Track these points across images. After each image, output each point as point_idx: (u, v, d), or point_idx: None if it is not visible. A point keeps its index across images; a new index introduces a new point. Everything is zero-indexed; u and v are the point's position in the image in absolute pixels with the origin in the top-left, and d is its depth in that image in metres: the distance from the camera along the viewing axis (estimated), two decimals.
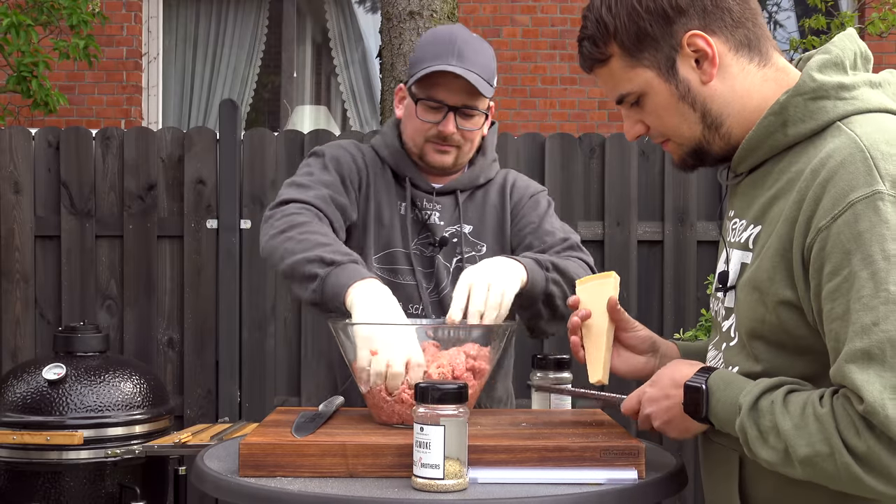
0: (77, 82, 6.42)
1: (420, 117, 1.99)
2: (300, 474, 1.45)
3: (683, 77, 1.36)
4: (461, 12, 5.92)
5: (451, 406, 1.37)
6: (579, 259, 2.00)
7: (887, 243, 1.17)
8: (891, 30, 4.62)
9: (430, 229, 2.05)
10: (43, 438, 2.67)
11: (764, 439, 1.25)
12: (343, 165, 2.04)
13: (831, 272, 1.21)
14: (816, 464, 1.19)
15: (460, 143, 2.02)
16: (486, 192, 2.11)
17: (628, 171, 3.69)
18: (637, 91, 1.40)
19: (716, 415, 1.34)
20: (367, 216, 2.05)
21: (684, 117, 1.39)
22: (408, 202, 2.05)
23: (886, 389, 1.14)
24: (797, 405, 1.23)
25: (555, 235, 2.04)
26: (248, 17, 6.94)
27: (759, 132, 1.34)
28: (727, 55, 1.36)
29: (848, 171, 1.21)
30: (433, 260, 2.04)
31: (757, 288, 1.31)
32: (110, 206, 3.68)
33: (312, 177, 2.01)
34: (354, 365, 1.67)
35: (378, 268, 2.03)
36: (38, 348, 3.64)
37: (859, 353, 1.17)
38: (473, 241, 2.06)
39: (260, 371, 3.65)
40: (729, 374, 1.36)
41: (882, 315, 1.16)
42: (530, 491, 1.39)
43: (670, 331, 3.67)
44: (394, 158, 2.08)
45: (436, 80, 1.95)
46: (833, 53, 1.34)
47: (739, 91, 1.36)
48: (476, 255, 2.04)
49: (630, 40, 1.37)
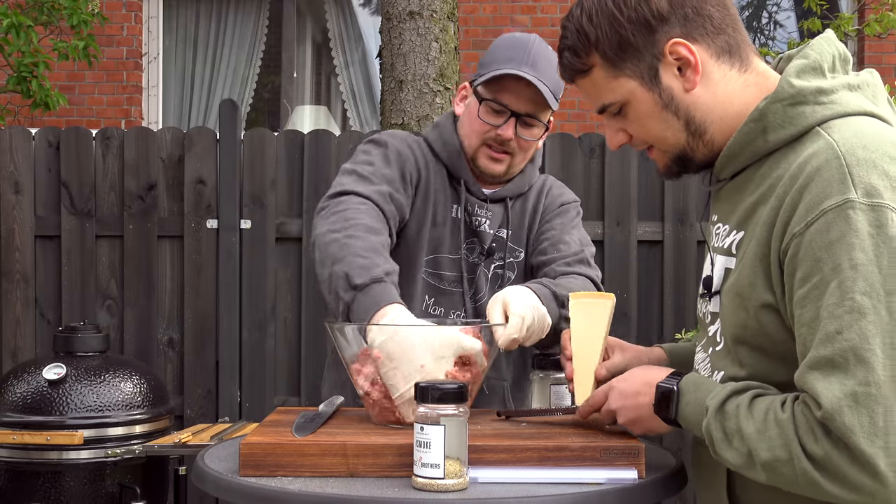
0: (77, 82, 6.42)
1: (482, 118, 1.96)
2: (301, 474, 1.45)
3: (667, 85, 1.37)
4: (461, 12, 5.92)
5: (452, 406, 1.37)
6: (584, 276, 1.99)
7: (855, 252, 1.18)
8: (889, 31, 4.62)
9: (478, 236, 2.03)
10: (43, 438, 2.67)
11: (728, 441, 1.27)
12: (405, 161, 1.99)
13: (802, 279, 1.22)
14: (776, 468, 1.21)
15: (515, 150, 1.98)
16: (527, 197, 2.10)
17: (628, 171, 3.69)
18: (620, 101, 1.40)
19: (684, 417, 1.37)
20: (424, 215, 2.00)
21: (668, 125, 1.39)
22: (462, 206, 2.02)
23: (845, 397, 1.15)
24: (761, 410, 1.25)
25: (570, 247, 2.03)
26: (248, 17, 6.95)
27: (739, 139, 1.35)
28: (709, 62, 1.36)
29: (823, 178, 1.22)
30: (476, 267, 2.03)
31: (739, 294, 1.32)
32: (110, 206, 3.68)
33: (373, 167, 1.94)
34: (352, 367, 1.68)
35: (426, 272, 2.00)
36: (38, 348, 3.64)
37: (823, 361, 1.18)
38: (512, 248, 2.06)
39: (260, 371, 3.65)
40: (699, 377, 1.39)
41: (846, 324, 1.17)
42: (530, 491, 1.39)
43: (670, 331, 3.67)
44: (450, 158, 2.03)
45: (505, 83, 1.92)
46: (811, 58, 1.34)
47: (721, 97, 1.37)
48: (514, 262, 2.04)
49: (612, 50, 1.36)
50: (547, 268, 2.00)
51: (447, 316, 1.99)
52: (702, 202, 3.70)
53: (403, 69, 3.64)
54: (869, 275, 1.17)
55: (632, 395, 1.45)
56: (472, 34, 6.51)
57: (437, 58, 3.63)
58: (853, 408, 1.15)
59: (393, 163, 1.96)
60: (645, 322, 3.69)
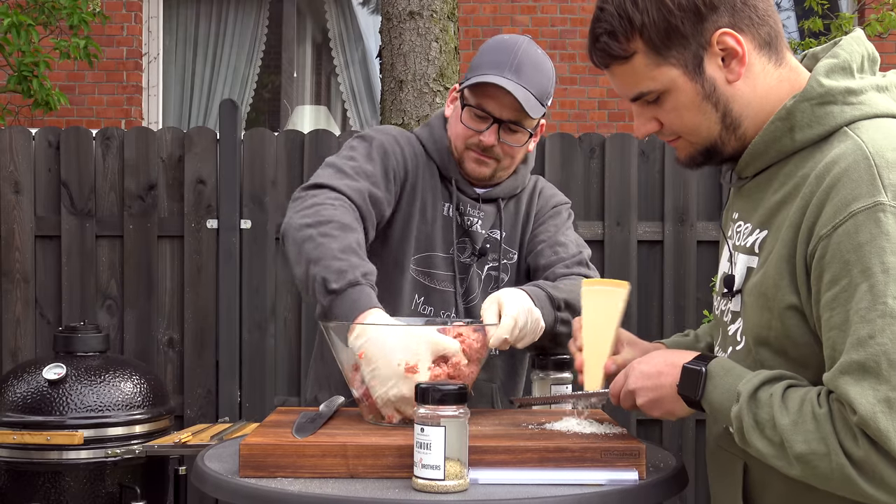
0: (77, 82, 6.42)
1: (464, 122, 1.95)
2: (301, 475, 1.45)
3: (710, 76, 1.33)
4: (461, 12, 5.91)
5: (452, 407, 1.37)
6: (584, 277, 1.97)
7: (886, 256, 1.17)
8: (889, 31, 4.61)
9: (470, 236, 2.02)
10: (43, 438, 2.67)
11: (760, 430, 1.24)
12: (389, 156, 1.96)
13: (830, 281, 1.21)
14: (811, 461, 1.20)
15: (500, 156, 1.97)
16: (519, 199, 2.09)
17: (628, 171, 3.68)
18: (659, 89, 1.35)
19: (710, 400, 1.33)
20: (411, 211, 1.98)
21: (705, 116, 1.35)
22: (453, 204, 2.01)
23: (879, 402, 1.14)
24: (795, 401, 1.23)
25: (568, 249, 2.02)
26: (248, 17, 6.94)
27: (765, 137, 1.34)
28: (752, 54, 1.34)
29: (851, 179, 1.21)
30: (468, 267, 2.02)
31: (763, 294, 1.31)
32: (110, 206, 3.68)
33: (354, 163, 1.92)
34: (345, 367, 1.68)
35: (415, 269, 1.99)
36: (39, 348, 3.63)
37: (854, 365, 1.17)
38: (506, 249, 2.05)
39: (260, 371, 3.65)
40: (729, 362, 1.36)
41: (878, 328, 1.16)
42: (531, 492, 1.39)
43: (670, 331, 3.66)
44: (441, 157, 2.02)
45: (488, 90, 1.90)
46: (841, 57, 1.33)
47: (760, 91, 1.35)
48: (508, 264, 2.04)
49: (658, 37, 1.32)
50: (547, 271, 2.00)
51: (438, 315, 1.98)
52: (702, 202, 3.71)
53: (403, 69, 3.64)
54: None
55: (654, 375, 1.41)
56: (472, 34, 6.50)
57: (437, 58, 3.63)
58: (886, 413, 1.14)
59: (376, 159, 1.94)
60: (645, 322, 3.68)
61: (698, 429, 3.61)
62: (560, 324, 1.87)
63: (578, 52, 6.62)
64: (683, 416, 1.42)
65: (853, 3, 6.21)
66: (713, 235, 3.66)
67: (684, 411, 1.40)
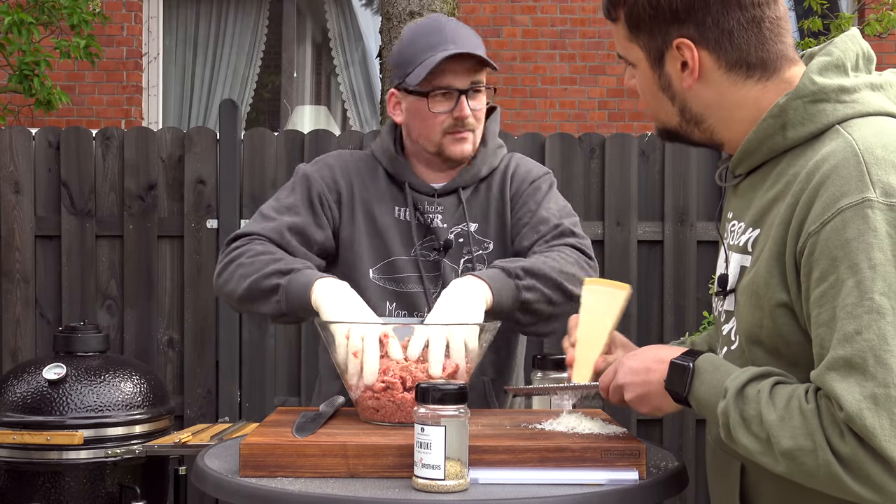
0: (77, 82, 6.42)
1: (434, 110, 1.96)
2: (301, 474, 1.45)
3: (667, 72, 1.38)
4: (461, 12, 5.92)
5: (452, 406, 1.37)
6: (570, 247, 1.95)
7: (874, 252, 1.17)
8: (889, 31, 4.62)
9: (433, 233, 2.02)
10: (43, 438, 2.67)
11: (747, 426, 1.24)
12: (313, 182, 2.03)
13: (819, 278, 1.21)
14: (797, 457, 1.19)
15: (474, 125, 2.00)
16: (489, 183, 2.07)
17: (628, 171, 3.69)
18: (631, 61, 1.43)
19: (697, 396, 1.33)
20: (353, 228, 2.02)
21: (662, 105, 1.42)
22: (409, 207, 2.02)
23: (865, 399, 1.14)
24: (782, 397, 1.22)
25: (548, 223, 1.99)
26: (248, 17, 6.95)
27: (757, 134, 1.34)
28: (716, 71, 1.35)
29: (840, 176, 1.21)
30: (439, 264, 2.01)
31: (755, 292, 1.31)
32: (110, 206, 3.68)
33: (276, 202, 2.05)
34: (336, 358, 1.68)
35: (378, 278, 2.00)
36: (38, 348, 3.64)
37: (841, 362, 1.17)
38: (480, 240, 2.03)
39: (260, 371, 3.65)
40: (717, 358, 1.36)
41: (865, 324, 1.16)
42: (531, 491, 1.39)
43: (670, 331, 3.67)
44: (391, 164, 2.05)
45: (441, 68, 1.93)
46: (834, 55, 1.33)
47: (729, 99, 1.36)
48: (484, 254, 2.02)
49: (633, 19, 1.39)
50: (528, 252, 1.98)
51: (412, 317, 1.98)
52: (702, 202, 3.71)
53: None
54: (888, 275, 1.16)
55: (642, 370, 1.42)
56: None
57: None
58: (873, 410, 1.14)
59: (297, 190, 2.04)
60: (645, 322, 3.68)
61: (698, 429, 3.61)
62: (525, 291, 1.84)
63: (578, 52, 6.62)
64: (671, 412, 1.43)
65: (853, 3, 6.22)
66: (713, 235, 3.66)
67: (672, 407, 1.40)
